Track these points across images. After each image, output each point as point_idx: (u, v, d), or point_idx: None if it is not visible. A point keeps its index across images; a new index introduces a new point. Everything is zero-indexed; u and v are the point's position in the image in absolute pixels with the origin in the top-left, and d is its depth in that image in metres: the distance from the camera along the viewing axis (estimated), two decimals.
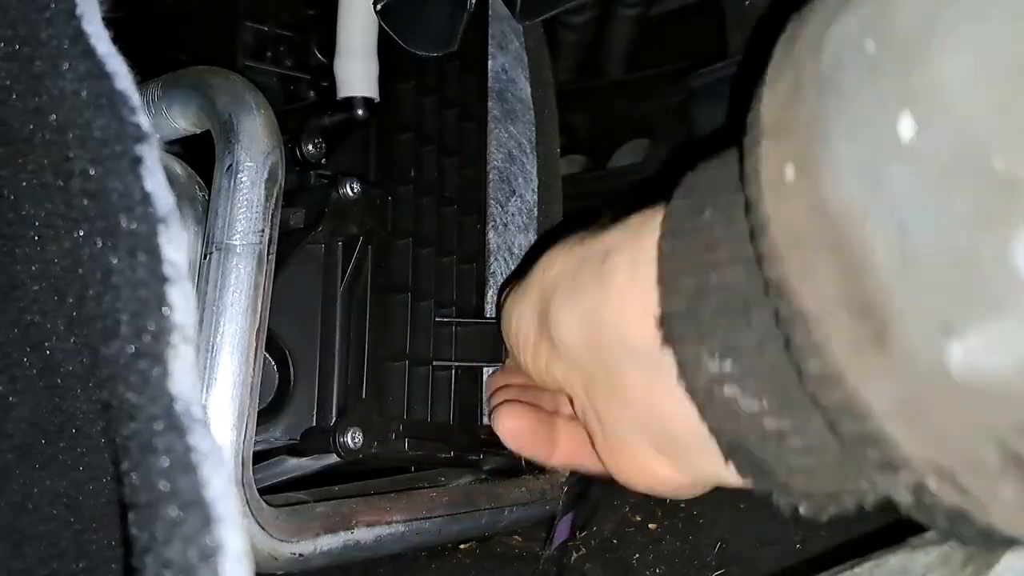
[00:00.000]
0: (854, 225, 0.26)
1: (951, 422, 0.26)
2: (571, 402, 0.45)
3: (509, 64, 0.68)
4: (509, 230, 0.66)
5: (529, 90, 0.69)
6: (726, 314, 0.31)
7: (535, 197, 0.68)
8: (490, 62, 0.66)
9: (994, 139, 0.23)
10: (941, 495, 0.27)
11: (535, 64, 0.70)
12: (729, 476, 0.35)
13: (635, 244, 0.37)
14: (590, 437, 0.43)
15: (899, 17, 0.25)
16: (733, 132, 0.32)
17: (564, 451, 0.49)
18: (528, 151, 0.68)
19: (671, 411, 0.36)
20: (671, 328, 0.33)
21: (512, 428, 0.49)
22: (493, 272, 0.65)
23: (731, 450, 0.33)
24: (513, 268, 0.66)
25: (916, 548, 0.38)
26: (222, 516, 0.26)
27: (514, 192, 0.67)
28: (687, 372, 0.33)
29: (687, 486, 0.40)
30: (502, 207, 0.66)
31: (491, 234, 0.65)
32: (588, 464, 0.47)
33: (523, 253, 0.66)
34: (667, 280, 0.33)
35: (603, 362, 0.39)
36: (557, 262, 0.42)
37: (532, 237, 0.67)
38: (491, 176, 0.65)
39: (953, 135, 0.23)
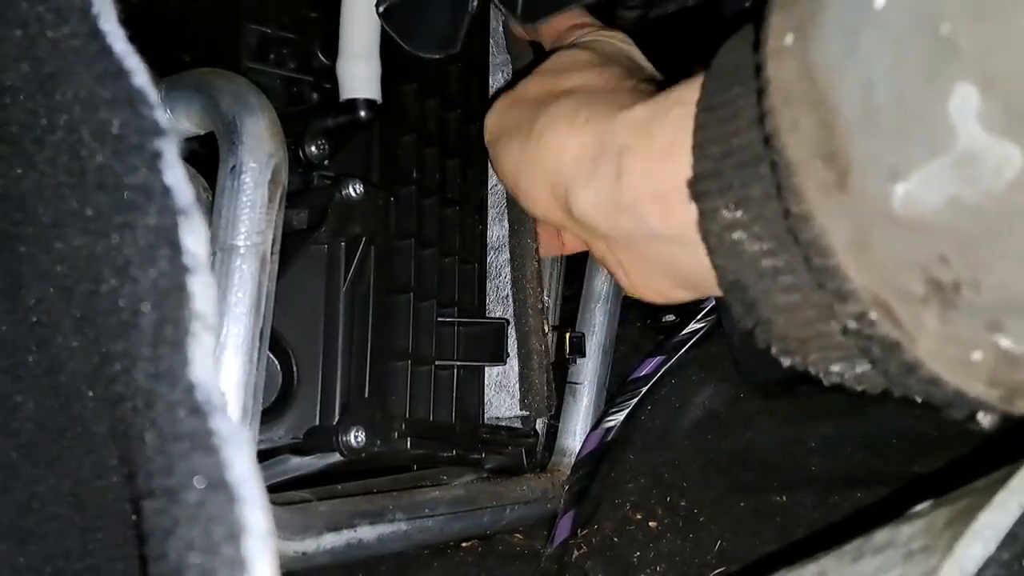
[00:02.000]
0: (832, 83, 0.30)
1: (889, 255, 0.30)
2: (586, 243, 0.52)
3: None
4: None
5: None
6: (742, 170, 0.36)
7: None
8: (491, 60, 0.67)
9: (944, 6, 0.26)
10: (879, 326, 0.31)
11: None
12: None
13: (647, 143, 0.42)
14: (608, 268, 0.51)
15: None
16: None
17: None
18: None
19: (693, 266, 0.43)
20: (698, 186, 0.37)
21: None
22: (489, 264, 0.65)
23: (731, 287, 0.37)
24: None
25: (901, 522, 0.40)
26: (245, 497, 0.26)
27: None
28: (705, 221, 0.37)
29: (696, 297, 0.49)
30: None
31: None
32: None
33: (498, 244, 0.66)
34: (699, 148, 0.38)
35: (627, 237, 0.46)
36: (562, 137, 0.47)
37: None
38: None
39: (915, 2, 0.27)
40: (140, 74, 0.31)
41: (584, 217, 0.47)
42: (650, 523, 0.66)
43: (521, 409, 0.63)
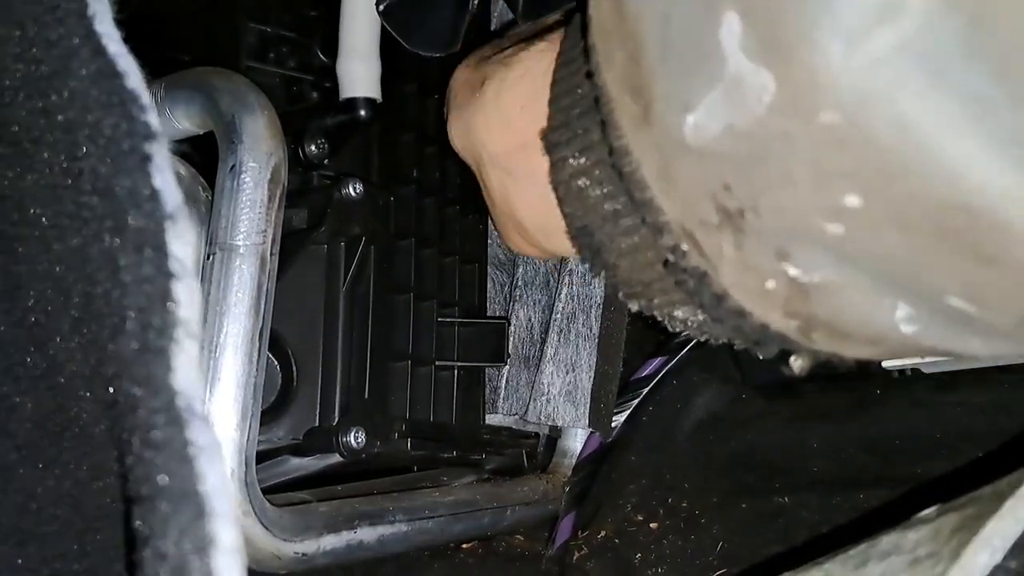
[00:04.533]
0: (638, 17, 0.31)
1: (686, 184, 0.31)
2: None
3: None
4: None
5: None
6: (584, 116, 0.36)
7: None
8: None
9: None
10: (689, 257, 0.33)
11: None
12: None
13: (504, 71, 0.45)
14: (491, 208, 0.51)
15: None
16: None
17: None
18: None
19: (522, 208, 0.46)
20: (550, 137, 0.38)
21: None
22: (570, 270, 0.64)
23: (578, 233, 0.38)
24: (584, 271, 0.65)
25: (907, 527, 0.39)
26: (216, 510, 0.26)
27: None
28: (554, 171, 0.38)
29: (546, 255, 0.50)
30: None
31: None
32: None
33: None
34: (554, 101, 0.39)
35: (476, 163, 0.48)
36: (459, 77, 0.50)
37: None
38: None
39: None
40: (133, 76, 0.31)
41: (454, 141, 0.49)
42: (651, 524, 0.66)
43: (589, 425, 0.62)
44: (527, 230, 0.46)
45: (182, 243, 0.29)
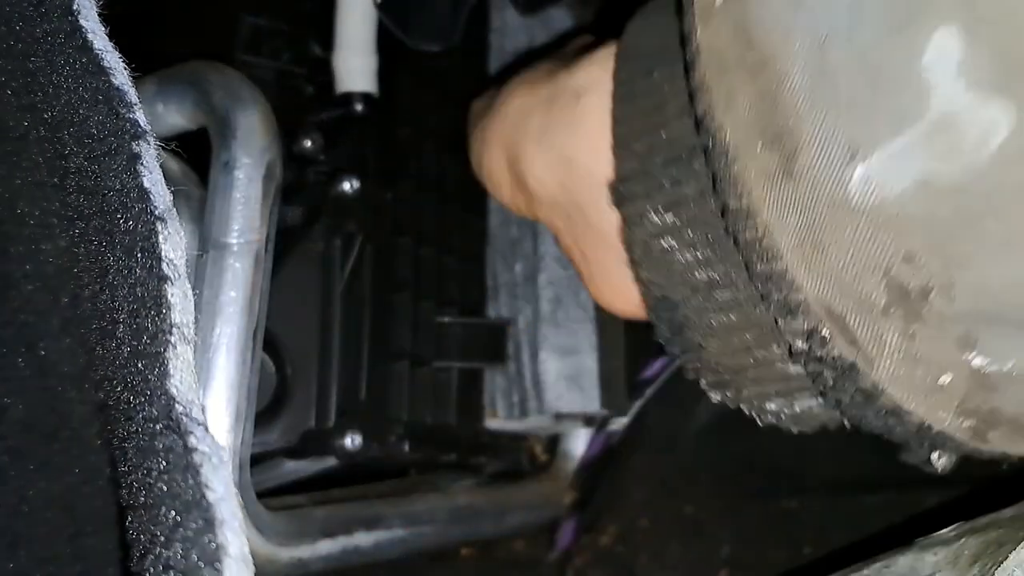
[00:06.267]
0: (776, 43, 0.25)
1: (845, 255, 0.25)
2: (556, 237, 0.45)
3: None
4: None
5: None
6: (672, 166, 0.31)
7: None
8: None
9: None
10: (832, 345, 0.26)
11: None
12: None
13: (607, 84, 0.36)
14: (576, 267, 0.44)
15: None
16: None
17: None
18: None
19: (589, 261, 0.39)
20: (622, 188, 0.33)
21: None
22: (541, 255, 0.63)
23: (657, 305, 0.32)
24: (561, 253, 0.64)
25: (924, 548, 0.38)
26: (224, 518, 0.25)
27: None
28: (630, 228, 0.33)
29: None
30: None
31: None
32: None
33: None
34: (620, 145, 0.33)
35: (581, 202, 0.38)
36: (518, 101, 0.42)
37: None
38: None
39: None
40: (119, 72, 0.30)
41: (541, 188, 0.40)
42: (656, 530, 0.65)
43: (601, 407, 0.60)
44: (592, 279, 0.40)
45: (173, 245, 0.28)
